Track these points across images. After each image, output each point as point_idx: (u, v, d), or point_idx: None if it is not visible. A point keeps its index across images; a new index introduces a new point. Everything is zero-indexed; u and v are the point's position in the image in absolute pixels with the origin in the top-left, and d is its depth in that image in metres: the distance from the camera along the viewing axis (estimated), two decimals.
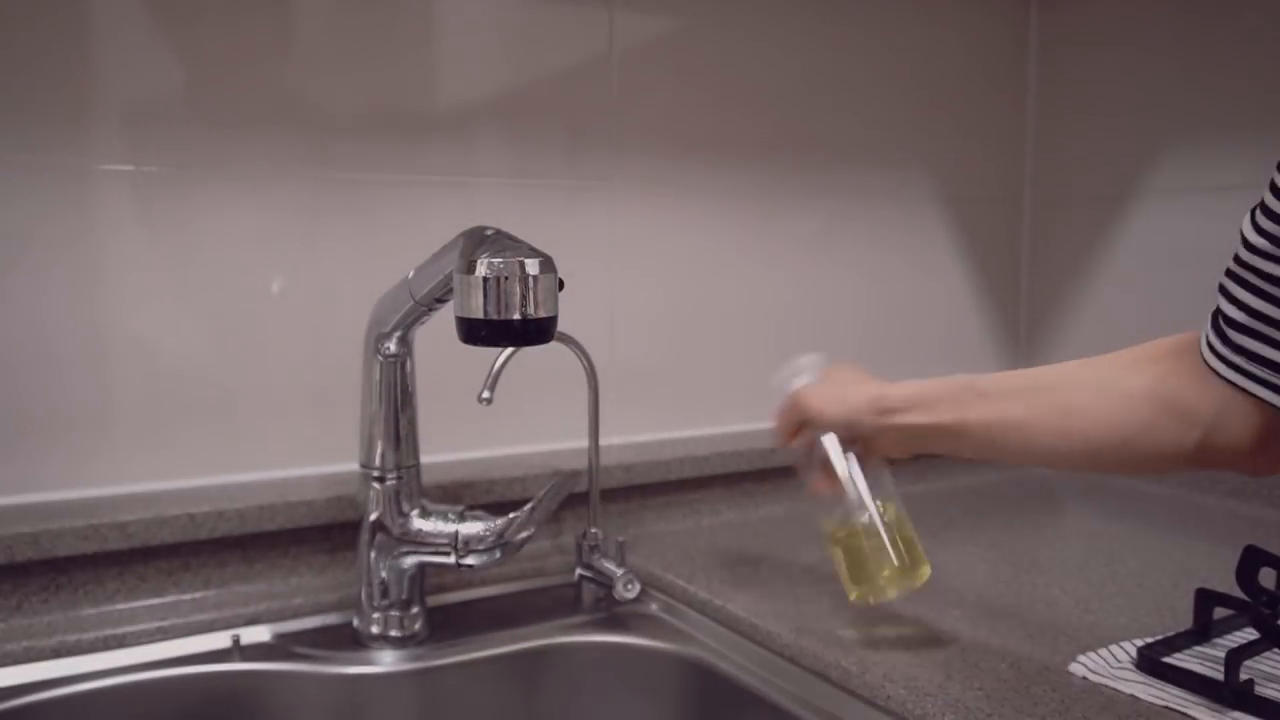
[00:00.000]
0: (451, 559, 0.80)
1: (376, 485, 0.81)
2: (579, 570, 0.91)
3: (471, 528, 0.80)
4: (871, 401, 0.74)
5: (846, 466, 0.77)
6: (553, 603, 0.92)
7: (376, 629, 0.83)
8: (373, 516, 0.82)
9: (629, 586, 0.85)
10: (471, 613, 0.90)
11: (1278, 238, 0.52)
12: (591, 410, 0.90)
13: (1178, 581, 0.89)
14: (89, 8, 0.85)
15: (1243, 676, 0.66)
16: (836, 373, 0.80)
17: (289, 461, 0.96)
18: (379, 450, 0.81)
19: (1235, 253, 0.55)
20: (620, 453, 1.07)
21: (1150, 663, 0.70)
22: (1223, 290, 0.56)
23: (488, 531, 0.80)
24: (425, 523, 0.81)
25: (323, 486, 0.91)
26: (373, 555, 0.82)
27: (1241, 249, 0.54)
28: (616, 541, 0.90)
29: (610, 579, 0.86)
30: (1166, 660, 0.70)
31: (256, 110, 0.92)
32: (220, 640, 0.82)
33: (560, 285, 0.68)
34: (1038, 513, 1.15)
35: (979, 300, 1.38)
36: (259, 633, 0.84)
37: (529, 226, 0.78)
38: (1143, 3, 1.25)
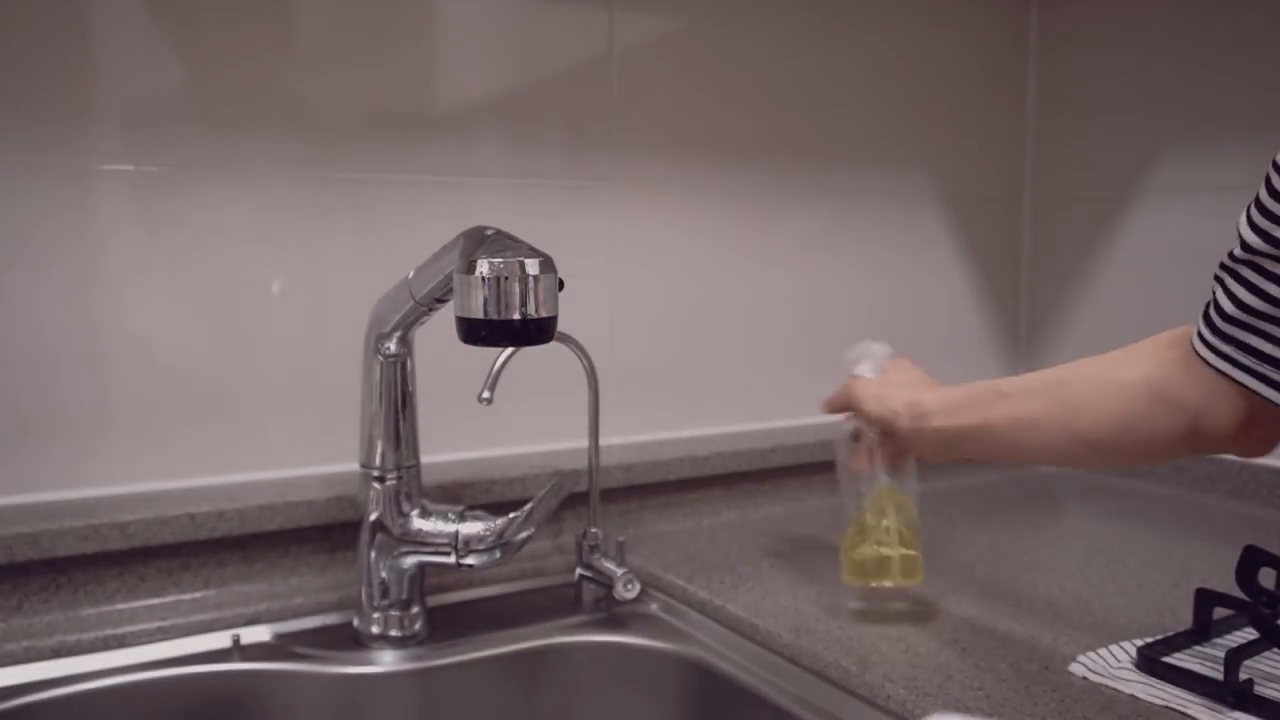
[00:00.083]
0: (451, 559, 0.80)
1: (376, 485, 0.81)
2: (579, 570, 0.91)
3: (471, 528, 0.80)
4: (909, 406, 0.76)
5: (872, 461, 0.82)
6: (553, 603, 0.92)
7: (376, 629, 0.83)
8: (373, 516, 0.82)
9: (629, 586, 0.85)
10: (471, 613, 0.90)
11: (1270, 235, 0.53)
12: (591, 410, 0.90)
13: (1178, 581, 0.89)
14: (88, 7, 0.85)
15: (1242, 676, 0.66)
16: (897, 370, 0.82)
17: (289, 461, 0.96)
18: (379, 450, 0.81)
19: (1230, 248, 0.57)
20: (620, 453, 1.07)
21: (1150, 663, 0.70)
22: (1217, 282, 0.58)
23: (488, 531, 0.80)
24: (425, 523, 0.81)
25: (323, 486, 0.91)
26: (373, 555, 0.82)
27: (1236, 245, 0.56)
28: (616, 541, 0.90)
29: (610, 579, 0.86)
30: (1166, 660, 0.70)
31: (256, 110, 0.92)
32: (220, 640, 0.82)
33: (560, 285, 0.68)
34: (1038, 513, 1.15)
35: (979, 300, 1.38)
36: (259, 633, 0.84)
37: (529, 226, 0.78)
38: (1143, 2, 1.25)
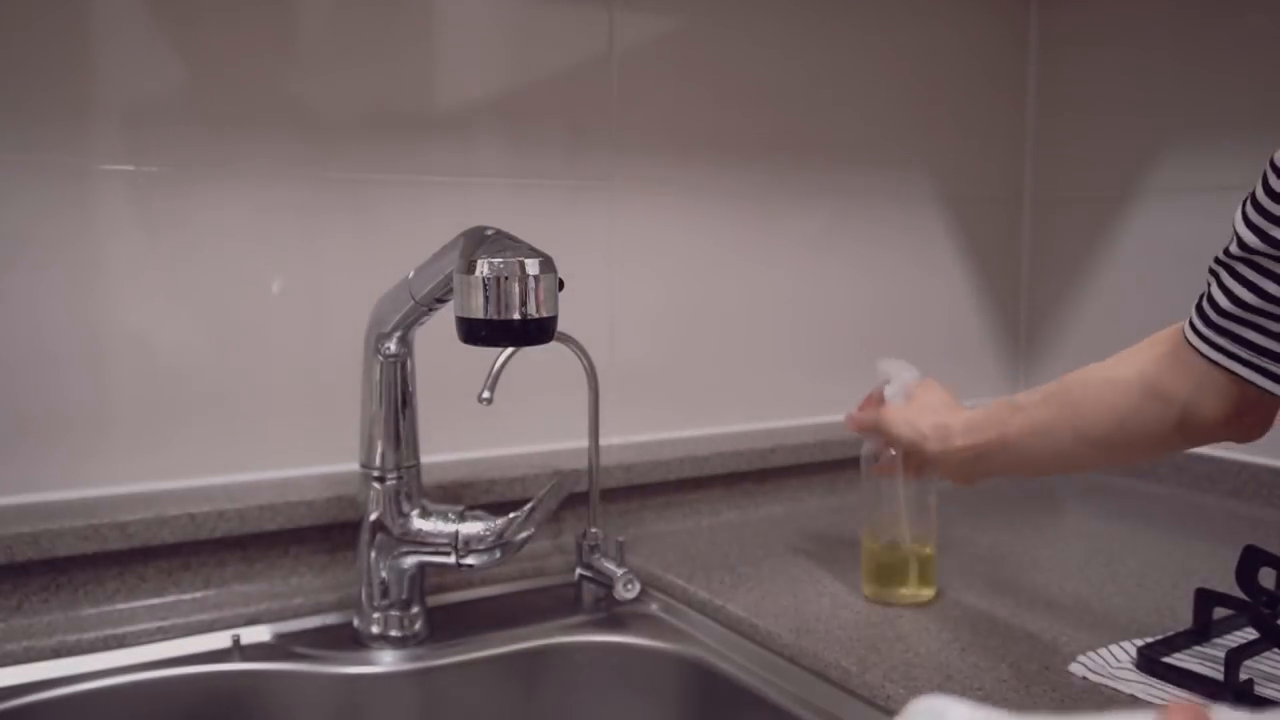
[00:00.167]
0: (451, 559, 0.80)
1: (377, 485, 0.81)
2: (579, 570, 0.91)
3: (471, 528, 0.80)
4: (936, 429, 0.77)
5: (899, 483, 0.84)
6: (553, 603, 0.92)
7: (376, 629, 0.83)
8: (373, 516, 0.82)
9: (629, 586, 0.85)
10: (471, 613, 0.90)
11: (1268, 234, 0.54)
12: (591, 410, 0.90)
13: (1178, 581, 0.89)
14: (88, 7, 0.85)
15: (1242, 676, 0.66)
16: (926, 394, 0.83)
17: (289, 461, 0.96)
18: (379, 450, 0.81)
19: (1226, 244, 0.57)
20: (620, 453, 1.07)
21: (1150, 663, 0.70)
22: (1211, 276, 0.59)
23: (488, 531, 0.80)
24: (425, 523, 0.81)
25: (323, 486, 0.91)
26: (373, 555, 0.82)
27: (1232, 241, 0.57)
28: (616, 541, 0.90)
29: (610, 579, 0.86)
30: (1166, 660, 0.70)
31: (256, 110, 0.92)
32: (220, 640, 0.82)
33: (560, 285, 0.68)
34: (1038, 513, 1.15)
35: (979, 300, 1.38)
36: (259, 633, 0.84)
37: (529, 226, 0.78)
38: (1143, 2, 1.25)
